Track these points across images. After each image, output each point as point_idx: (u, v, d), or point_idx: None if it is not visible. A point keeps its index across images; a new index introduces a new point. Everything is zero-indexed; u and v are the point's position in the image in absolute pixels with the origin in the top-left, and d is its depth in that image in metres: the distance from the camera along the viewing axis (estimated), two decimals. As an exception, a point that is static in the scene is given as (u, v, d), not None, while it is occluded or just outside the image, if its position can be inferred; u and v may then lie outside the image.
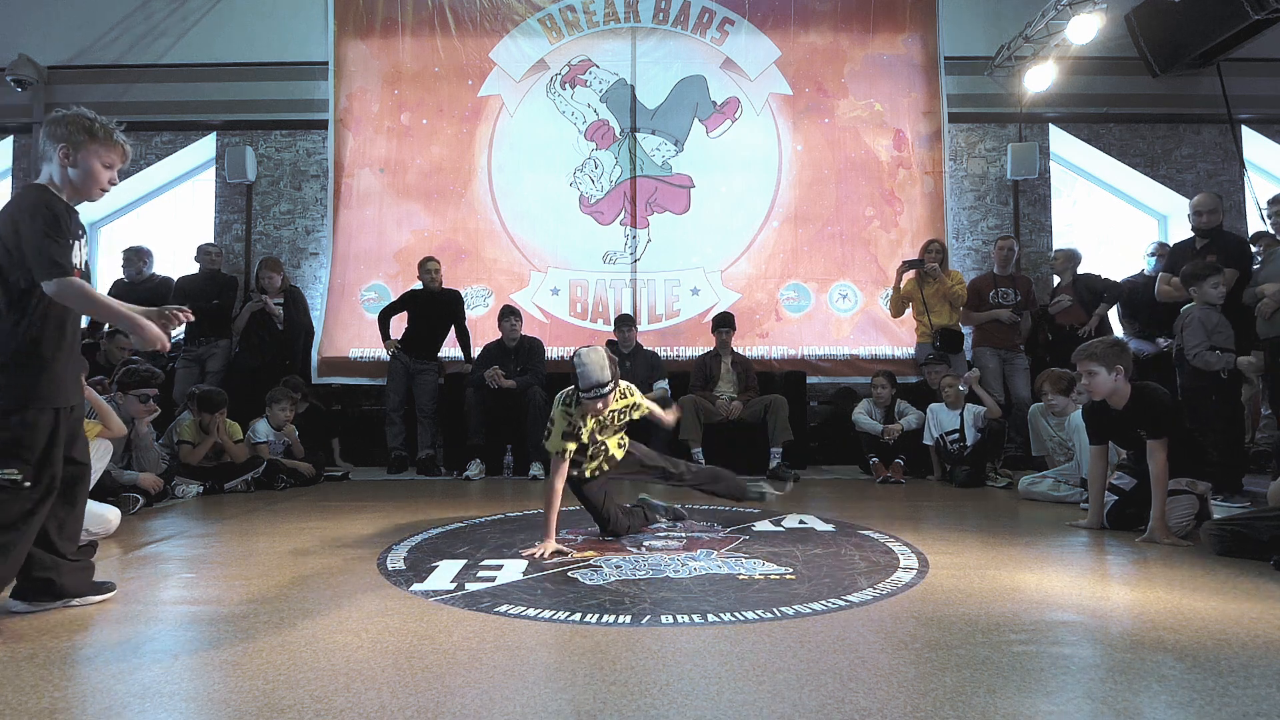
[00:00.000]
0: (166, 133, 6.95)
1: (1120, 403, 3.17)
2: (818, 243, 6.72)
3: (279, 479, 4.74)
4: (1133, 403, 3.14)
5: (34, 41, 6.84)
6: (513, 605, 2.10)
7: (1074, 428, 4.02)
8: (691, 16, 6.89)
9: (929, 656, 1.70)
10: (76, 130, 2.09)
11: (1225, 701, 1.43)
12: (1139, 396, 3.14)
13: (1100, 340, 3.30)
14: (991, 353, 5.72)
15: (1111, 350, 3.15)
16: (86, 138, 2.10)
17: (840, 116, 6.83)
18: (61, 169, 2.10)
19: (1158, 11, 6.29)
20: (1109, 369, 3.13)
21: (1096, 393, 3.18)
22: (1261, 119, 6.86)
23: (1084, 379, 3.21)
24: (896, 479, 4.97)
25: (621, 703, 1.44)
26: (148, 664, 1.66)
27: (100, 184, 2.16)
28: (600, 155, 6.83)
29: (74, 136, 2.09)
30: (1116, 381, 3.14)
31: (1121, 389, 3.15)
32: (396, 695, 1.47)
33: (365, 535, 3.17)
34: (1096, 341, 3.25)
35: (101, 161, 2.14)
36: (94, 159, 2.11)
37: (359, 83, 6.85)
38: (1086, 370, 3.17)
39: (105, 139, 2.13)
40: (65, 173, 2.10)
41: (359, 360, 6.51)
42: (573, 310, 6.69)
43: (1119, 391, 3.15)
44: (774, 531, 3.23)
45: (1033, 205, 6.94)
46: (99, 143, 2.11)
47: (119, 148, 2.17)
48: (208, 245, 6.17)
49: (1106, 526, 3.28)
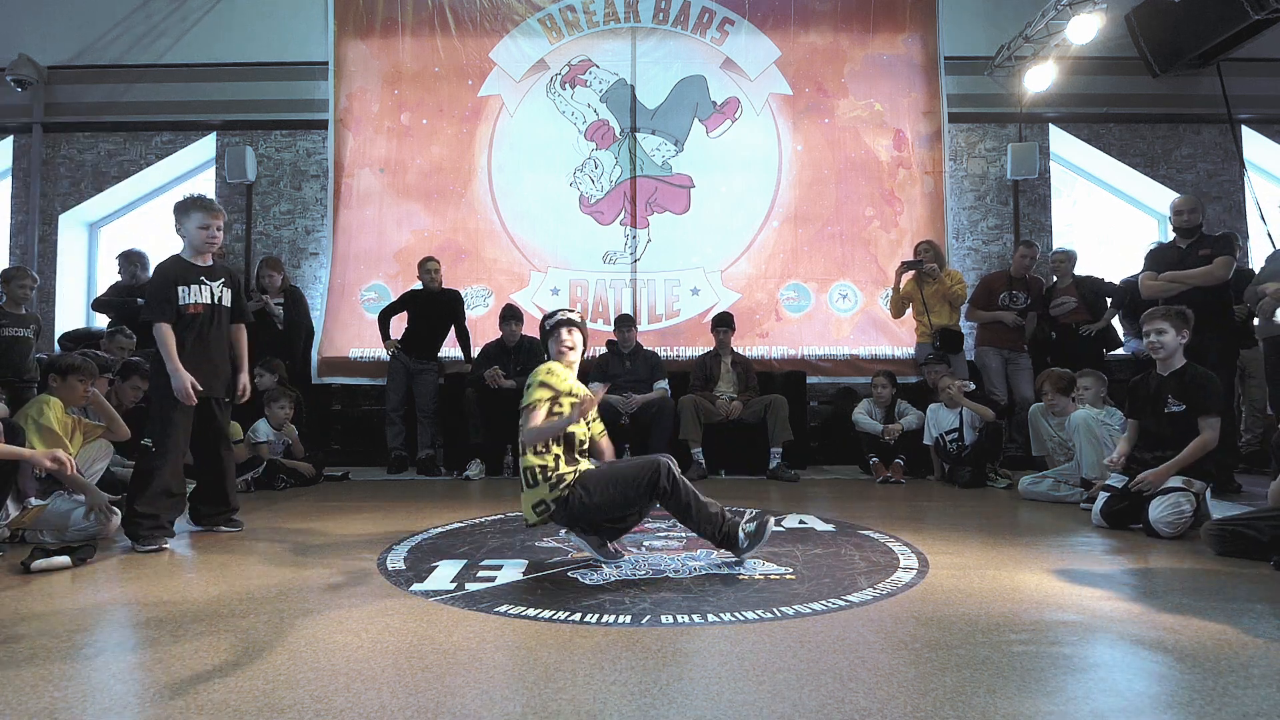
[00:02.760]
0: (166, 133, 6.95)
1: (1168, 368, 3.35)
2: (818, 243, 6.72)
3: (279, 479, 4.74)
4: (1178, 374, 3.31)
5: (34, 41, 6.84)
6: (513, 605, 2.10)
7: (1074, 428, 4.02)
8: (691, 16, 6.89)
9: (929, 656, 1.70)
10: (179, 210, 3.20)
11: (1225, 701, 1.43)
12: (1187, 369, 3.32)
13: (1168, 306, 3.53)
14: (994, 352, 5.72)
15: (1180, 315, 3.36)
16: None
17: (840, 116, 6.83)
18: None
19: (1158, 11, 6.29)
20: (1177, 331, 3.32)
21: (1163, 350, 3.33)
22: (1261, 119, 6.86)
23: (1152, 336, 3.35)
24: (896, 479, 4.97)
25: (621, 703, 1.44)
26: (148, 664, 1.66)
27: (202, 240, 3.14)
28: (600, 155, 6.83)
29: (179, 216, 3.19)
30: (1180, 345, 3.33)
31: (1178, 355, 3.35)
32: (396, 695, 1.47)
33: (365, 535, 3.17)
34: (1164, 305, 3.52)
35: (198, 225, 3.13)
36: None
37: (359, 83, 6.85)
38: (1156, 328, 3.34)
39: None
40: (185, 241, 3.21)
41: (359, 360, 6.51)
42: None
43: (1175, 356, 3.34)
44: (774, 531, 3.22)
45: (1033, 205, 6.94)
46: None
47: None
48: (208, 246, 6.22)
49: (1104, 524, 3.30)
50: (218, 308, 3.16)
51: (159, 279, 3.08)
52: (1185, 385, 3.26)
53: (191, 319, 3.08)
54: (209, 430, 3.21)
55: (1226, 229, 6.00)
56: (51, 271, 6.81)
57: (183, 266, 3.11)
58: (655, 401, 5.42)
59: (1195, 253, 4.48)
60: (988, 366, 5.71)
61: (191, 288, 3.08)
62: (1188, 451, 3.17)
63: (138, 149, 6.96)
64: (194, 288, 3.08)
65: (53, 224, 6.89)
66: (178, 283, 3.06)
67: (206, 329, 3.11)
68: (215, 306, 3.14)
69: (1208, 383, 3.24)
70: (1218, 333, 4.41)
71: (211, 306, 3.13)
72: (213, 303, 3.13)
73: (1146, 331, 3.38)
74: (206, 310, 3.11)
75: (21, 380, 4.86)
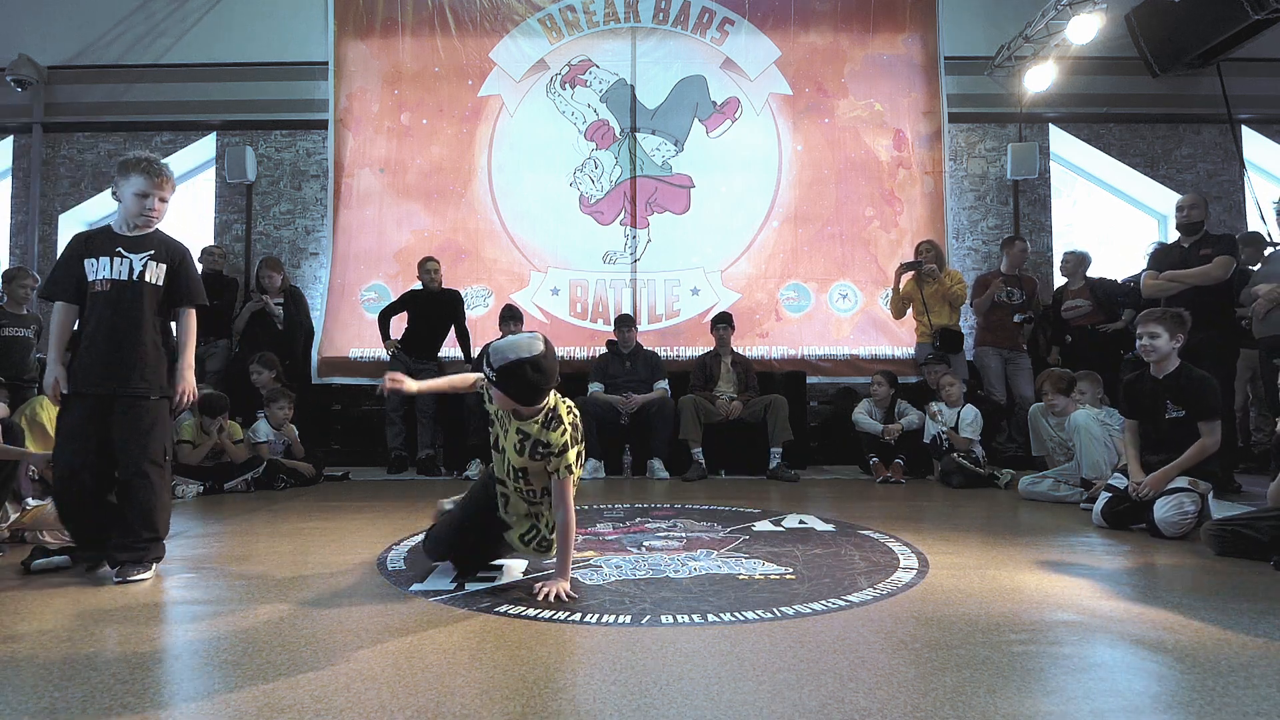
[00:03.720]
0: (166, 133, 6.95)
1: (1162, 371, 3.31)
2: (818, 243, 6.72)
3: (279, 479, 4.74)
4: (1174, 377, 3.27)
5: (34, 41, 6.84)
6: (513, 605, 2.10)
7: (1074, 428, 4.02)
8: (691, 16, 6.89)
9: (929, 656, 1.70)
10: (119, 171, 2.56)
11: (1225, 701, 1.43)
12: (1182, 372, 3.28)
13: (1164, 308, 3.44)
14: (994, 352, 5.72)
15: (1176, 318, 3.30)
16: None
17: (840, 116, 6.83)
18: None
19: (1158, 11, 6.29)
20: (1171, 335, 3.26)
21: (1155, 353, 3.28)
22: (1261, 119, 6.87)
23: (1144, 339, 3.30)
24: (896, 479, 4.97)
25: (621, 703, 1.44)
26: (148, 664, 1.66)
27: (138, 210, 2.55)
28: (600, 155, 6.83)
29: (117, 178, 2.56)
30: (1173, 349, 3.28)
31: (1172, 358, 3.30)
32: (396, 695, 1.47)
33: (365, 535, 3.17)
34: (1161, 308, 3.41)
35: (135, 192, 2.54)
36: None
37: (359, 83, 6.85)
38: (1149, 331, 3.28)
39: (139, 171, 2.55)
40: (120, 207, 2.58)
41: (359, 360, 6.51)
42: (573, 310, 6.69)
43: (1169, 360, 3.29)
44: (774, 531, 3.22)
45: (1033, 205, 6.94)
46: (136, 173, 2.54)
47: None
48: (210, 247, 6.27)
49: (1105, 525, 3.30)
50: (137, 284, 2.50)
51: (68, 249, 2.53)
52: (1183, 389, 3.24)
53: (96, 298, 2.48)
54: (109, 438, 2.45)
55: (1226, 229, 6.01)
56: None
57: (101, 237, 2.55)
58: (655, 401, 5.42)
59: (1197, 252, 4.49)
60: (987, 366, 5.71)
61: (102, 260, 2.48)
62: (1188, 455, 3.17)
63: (138, 149, 6.94)
64: (104, 260, 2.48)
65: (53, 224, 6.89)
66: (87, 255, 2.49)
67: (113, 310, 2.47)
68: (132, 284, 2.50)
69: (1205, 386, 3.22)
70: (1218, 332, 4.42)
71: (125, 284, 2.49)
72: (129, 279, 2.50)
73: (1140, 334, 3.35)
74: (115, 288, 2.48)
75: (22, 380, 4.87)
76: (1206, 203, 4.77)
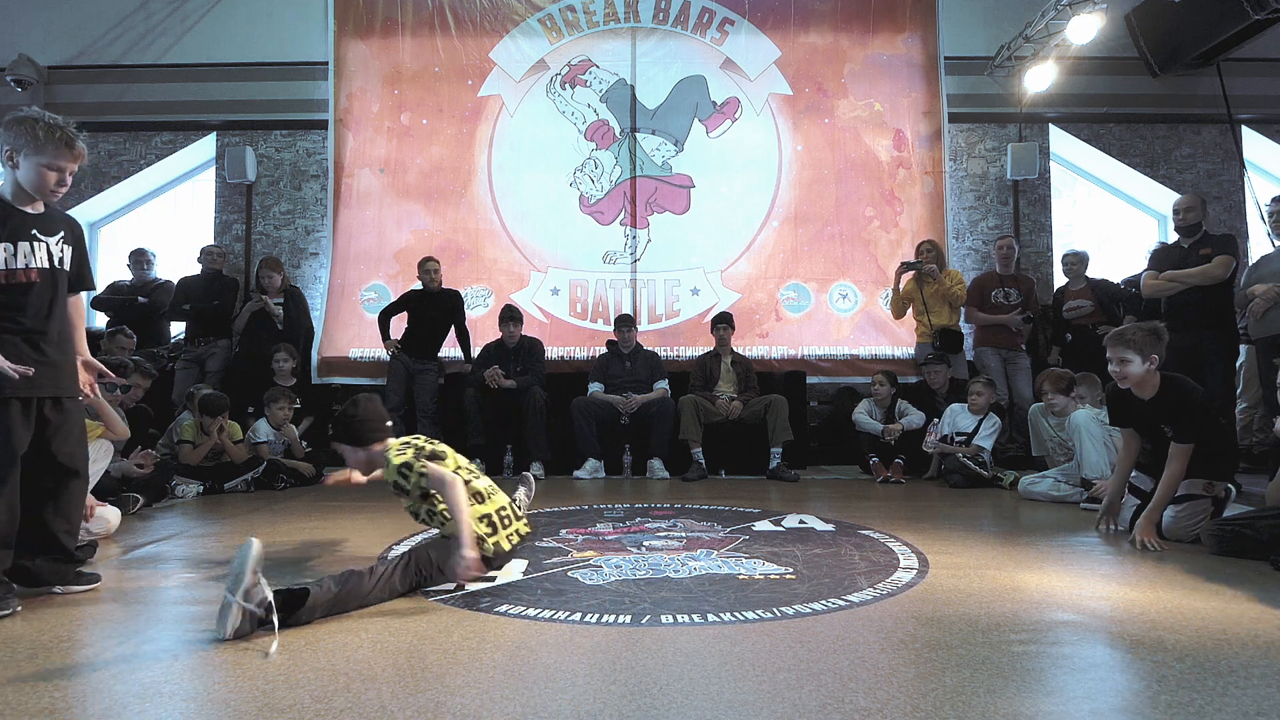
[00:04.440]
0: (166, 133, 6.95)
1: (1148, 393, 3.05)
2: (818, 243, 6.72)
3: (279, 479, 4.74)
4: (1161, 395, 3.03)
5: (34, 41, 6.84)
6: (513, 605, 2.10)
7: (1074, 427, 4.02)
8: (691, 16, 6.89)
9: (929, 656, 1.70)
10: (20, 134, 2.09)
11: (1225, 701, 1.43)
12: (1169, 389, 3.02)
13: (1137, 325, 3.10)
14: (993, 352, 5.73)
15: (1149, 337, 3.00)
16: (29, 141, 2.08)
17: (840, 116, 6.83)
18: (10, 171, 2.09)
19: (1158, 11, 6.29)
20: (1143, 357, 2.99)
21: (1127, 381, 3.04)
22: (1261, 119, 6.86)
23: (1115, 364, 3.04)
24: (896, 479, 4.96)
25: (621, 703, 1.44)
26: (148, 664, 1.66)
27: (48, 186, 2.14)
28: (600, 155, 6.83)
29: (16, 141, 2.09)
30: (1149, 370, 3.01)
31: (1151, 379, 3.03)
32: (396, 695, 1.47)
33: (365, 535, 3.17)
34: (1132, 327, 3.10)
35: (47, 165, 2.10)
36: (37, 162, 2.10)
37: (359, 83, 6.85)
38: (1120, 356, 3.01)
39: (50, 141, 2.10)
40: (13, 175, 2.10)
41: (359, 360, 6.51)
42: (573, 310, 6.69)
43: (1149, 382, 3.04)
44: (774, 531, 3.23)
45: (1033, 205, 6.94)
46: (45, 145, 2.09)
47: (68, 150, 2.13)
48: (210, 247, 6.26)
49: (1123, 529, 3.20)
50: (59, 273, 2.19)
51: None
52: (1173, 408, 3.00)
53: (23, 289, 2.09)
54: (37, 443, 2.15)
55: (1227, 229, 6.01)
56: (51, 271, 6.81)
57: (9, 212, 2.11)
58: (655, 401, 5.42)
59: (1196, 252, 4.50)
60: (986, 367, 5.71)
61: (21, 245, 2.09)
62: (1162, 491, 2.97)
63: (138, 149, 6.96)
64: (24, 245, 2.10)
65: (53, 224, 6.88)
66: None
67: (43, 303, 2.14)
68: (56, 271, 2.18)
69: (1186, 401, 2.99)
70: (1217, 331, 4.42)
71: (51, 271, 2.16)
72: (51, 266, 2.17)
73: (1109, 358, 3.07)
74: (46, 277, 2.14)
75: (21, 380, 4.85)
76: (1204, 203, 4.77)
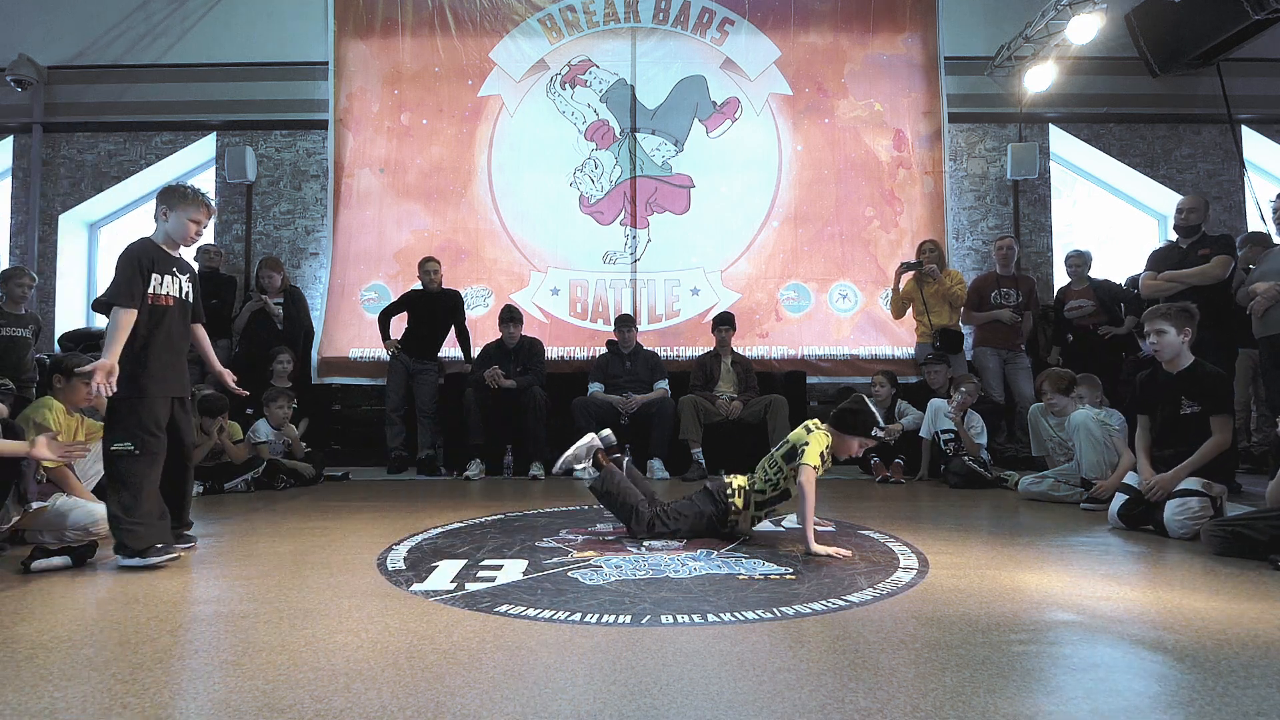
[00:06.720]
0: (166, 133, 6.95)
1: (1176, 367, 3.27)
2: (818, 243, 6.72)
3: (279, 479, 4.74)
4: (1187, 372, 3.24)
5: (34, 41, 6.84)
6: (513, 605, 2.10)
7: (1074, 428, 4.02)
8: (691, 16, 6.89)
9: (929, 656, 1.70)
10: (171, 197, 2.84)
11: (1225, 702, 1.43)
12: (1196, 366, 3.24)
13: (1170, 304, 3.37)
14: (992, 352, 5.73)
15: (1182, 313, 3.25)
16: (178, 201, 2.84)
17: (840, 116, 6.84)
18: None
19: (1158, 11, 6.29)
20: (1178, 330, 3.22)
21: (1163, 352, 3.25)
22: (1261, 119, 6.87)
23: (1152, 337, 3.27)
24: (896, 479, 4.97)
25: (621, 703, 1.44)
26: (148, 664, 1.66)
27: (189, 235, 2.86)
28: (600, 155, 6.83)
29: (170, 201, 2.83)
30: (1183, 344, 3.24)
31: (1184, 354, 3.25)
32: (396, 695, 1.47)
33: (365, 535, 3.17)
34: (1166, 305, 3.35)
35: (190, 219, 2.84)
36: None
37: (359, 83, 6.85)
38: (1156, 329, 3.25)
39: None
40: (164, 227, 2.85)
41: (359, 360, 6.52)
42: (573, 310, 6.69)
43: (1181, 356, 3.25)
44: (774, 531, 3.23)
45: (1033, 205, 6.94)
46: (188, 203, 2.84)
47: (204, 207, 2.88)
48: (208, 246, 6.26)
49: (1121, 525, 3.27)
50: (185, 304, 2.89)
51: (132, 261, 2.74)
52: (1198, 384, 3.20)
53: (162, 312, 2.77)
54: (170, 434, 2.84)
55: (1227, 229, 6.00)
56: (51, 271, 6.82)
57: (160, 253, 2.83)
58: (655, 401, 5.42)
59: (1195, 252, 4.50)
60: (985, 367, 5.71)
61: (165, 278, 2.79)
62: (1200, 454, 3.13)
63: (138, 149, 6.96)
64: (168, 278, 2.80)
65: (52, 224, 6.89)
66: (153, 269, 2.76)
67: (175, 325, 2.84)
68: (183, 302, 2.88)
69: (1219, 382, 3.19)
70: (1217, 331, 4.42)
71: (181, 301, 2.86)
72: (181, 297, 2.86)
73: (1147, 332, 3.32)
74: (177, 305, 2.84)
75: (19, 380, 4.87)
76: (1207, 205, 4.76)
